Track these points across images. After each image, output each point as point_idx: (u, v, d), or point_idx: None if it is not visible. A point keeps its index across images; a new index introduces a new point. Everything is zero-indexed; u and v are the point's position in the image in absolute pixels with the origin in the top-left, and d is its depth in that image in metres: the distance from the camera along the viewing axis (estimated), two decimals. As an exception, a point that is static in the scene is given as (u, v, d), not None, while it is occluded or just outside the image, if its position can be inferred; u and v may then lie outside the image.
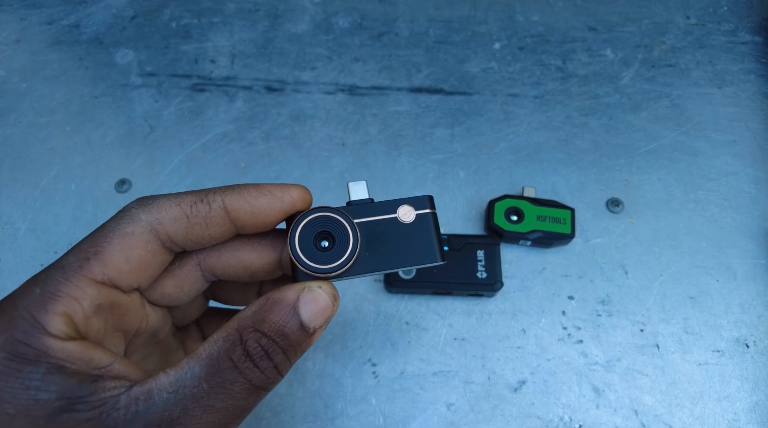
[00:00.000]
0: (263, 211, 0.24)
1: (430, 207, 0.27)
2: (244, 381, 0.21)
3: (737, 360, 0.39)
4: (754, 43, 0.54)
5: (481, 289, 0.40)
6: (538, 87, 0.51)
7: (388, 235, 0.26)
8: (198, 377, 0.20)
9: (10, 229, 0.44)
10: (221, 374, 0.21)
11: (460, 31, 0.54)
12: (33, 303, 0.20)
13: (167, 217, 0.23)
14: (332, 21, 0.55)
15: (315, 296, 0.23)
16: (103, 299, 0.22)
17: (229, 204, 0.24)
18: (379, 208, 0.26)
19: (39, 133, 0.49)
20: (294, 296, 0.22)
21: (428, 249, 0.26)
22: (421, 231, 0.26)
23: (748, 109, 0.50)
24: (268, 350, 0.21)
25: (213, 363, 0.21)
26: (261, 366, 0.21)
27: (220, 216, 0.24)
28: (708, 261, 0.43)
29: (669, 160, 0.47)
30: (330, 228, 0.25)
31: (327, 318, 0.23)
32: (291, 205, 0.25)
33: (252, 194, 0.24)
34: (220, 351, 0.21)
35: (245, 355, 0.21)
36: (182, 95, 0.51)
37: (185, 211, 0.23)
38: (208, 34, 0.54)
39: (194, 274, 0.27)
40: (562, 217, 0.42)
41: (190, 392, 0.20)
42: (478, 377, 0.39)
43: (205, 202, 0.23)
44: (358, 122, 0.49)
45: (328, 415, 0.37)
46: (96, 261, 0.22)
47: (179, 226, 0.23)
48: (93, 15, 0.55)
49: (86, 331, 0.22)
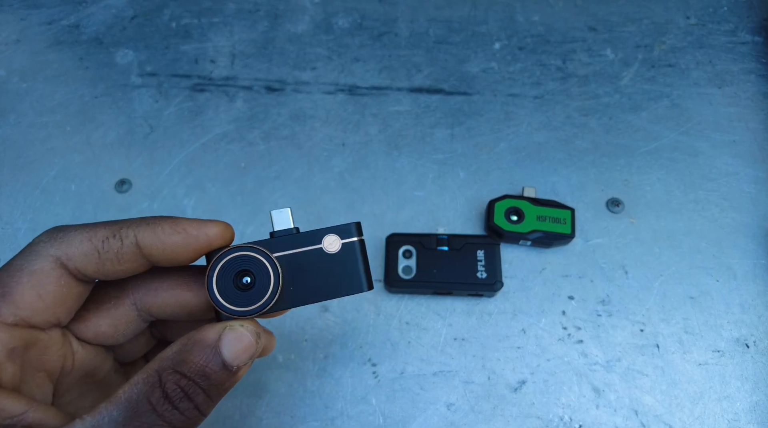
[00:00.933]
0: (176, 249, 0.23)
1: (357, 234, 0.26)
2: (163, 423, 0.20)
3: (737, 361, 0.39)
4: (754, 43, 0.54)
5: (481, 289, 0.40)
6: (538, 87, 0.51)
7: (313, 267, 0.25)
8: (116, 422, 0.20)
9: (10, 229, 0.44)
10: (140, 418, 0.20)
11: (460, 31, 0.54)
12: None
13: (77, 252, 0.22)
14: (332, 21, 0.55)
15: (238, 335, 0.22)
16: (17, 341, 0.21)
17: (141, 240, 0.23)
18: (303, 239, 0.25)
19: (39, 133, 0.49)
20: (215, 336, 0.22)
21: (355, 278, 0.26)
22: (347, 260, 0.26)
23: (748, 109, 0.50)
24: (188, 391, 0.21)
25: (132, 406, 0.20)
26: (180, 408, 0.21)
27: (132, 252, 0.23)
28: (708, 262, 0.43)
29: (669, 160, 0.47)
30: (249, 267, 0.24)
31: (251, 355, 0.23)
32: (206, 243, 0.24)
33: (166, 231, 0.23)
34: (139, 394, 0.20)
35: (164, 397, 0.20)
36: (182, 95, 0.51)
37: (96, 246, 0.23)
38: (208, 34, 0.54)
39: (130, 314, 0.26)
40: (562, 217, 0.42)
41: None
42: (478, 377, 0.39)
43: (117, 237, 0.23)
44: (358, 122, 0.49)
45: (328, 415, 0.37)
46: (5, 303, 0.21)
47: (90, 261, 0.23)
48: (93, 15, 0.55)
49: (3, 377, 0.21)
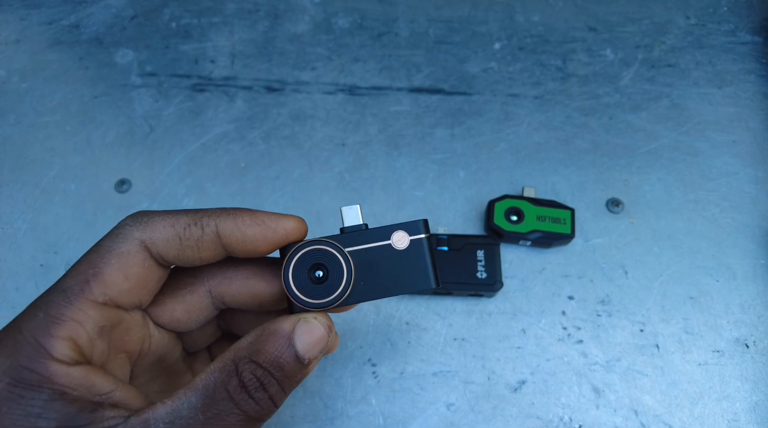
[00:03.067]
0: (255, 240, 0.24)
1: (424, 231, 0.27)
2: (239, 412, 0.21)
3: (737, 361, 0.39)
4: (754, 43, 0.54)
5: (481, 289, 0.40)
6: (538, 87, 0.51)
7: (383, 262, 0.26)
8: (194, 407, 0.20)
9: (9, 229, 0.44)
10: (217, 405, 0.21)
11: (460, 31, 0.54)
12: (37, 328, 0.20)
13: (160, 238, 0.23)
14: (332, 21, 0.55)
15: (310, 327, 0.23)
16: (106, 320, 0.22)
17: (221, 229, 0.24)
18: (372, 234, 0.26)
19: (39, 133, 0.49)
20: (290, 327, 0.23)
21: (423, 274, 0.26)
22: (416, 256, 0.26)
23: (748, 109, 0.50)
24: (263, 381, 0.22)
25: (209, 393, 0.21)
26: (256, 398, 0.21)
27: (212, 241, 0.24)
28: (708, 262, 0.43)
29: (669, 160, 0.47)
30: (323, 261, 0.25)
31: (322, 348, 0.23)
32: (284, 236, 0.25)
33: (246, 222, 0.24)
34: (216, 382, 0.21)
35: (241, 386, 0.21)
36: (182, 95, 0.51)
37: (178, 232, 0.23)
38: (208, 34, 0.54)
39: (204, 301, 0.27)
40: (562, 217, 0.42)
41: (185, 423, 0.20)
42: (478, 377, 0.39)
43: (198, 225, 0.24)
44: (358, 122, 0.49)
45: (328, 415, 0.37)
46: (96, 283, 0.22)
47: (171, 247, 0.23)
48: (93, 15, 0.55)
49: (90, 355, 0.22)
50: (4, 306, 0.41)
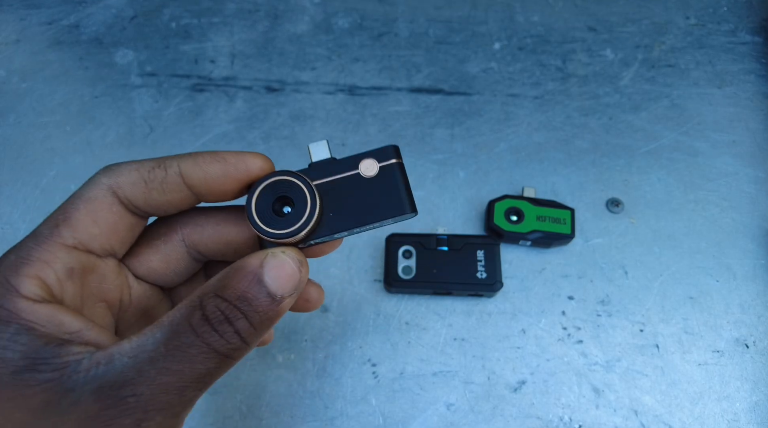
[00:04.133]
0: (217, 178, 0.24)
1: (395, 157, 0.25)
2: (202, 344, 0.21)
3: (737, 361, 0.39)
4: (754, 44, 0.54)
5: (481, 289, 0.40)
6: (538, 87, 0.51)
7: (352, 192, 0.25)
8: (158, 342, 0.21)
9: (9, 229, 0.44)
10: (179, 338, 0.21)
11: (460, 31, 0.54)
12: (7, 268, 0.21)
13: (126, 181, 0.23)
14: (332, 21, 0.55)
15: (280, 261, 0.22)
16: (75, 263, 0.23)
17: (183, 169, 0.24)
18: (340, 165, 0.25)
19: (39, 133, 0.49)
20: (257, 262, 0.22)
21: (395, 200, 0.25)
22: (387, 183, 0.25)
23: (748, 109, 0.50)
24: (227, 314, 0.21)
25: (173, 328, 0.21)
26: (220, 330, 0.21)
27: (175, 182, 0.24)
28: (708, 262, 0.43)
29: (669, 160, 0.47)
30: (288, 193, 0.24)
31: (295, 284, 0.23)
32: (245, 173, 0.24)
33: (206, 160, 0.24)
34: (180, 317, 0.21)
35: (203, 319, 0.21)
36: (182, 95, 0.51)
37: (143, 175, 0.24)
38: (208, 34, 0.54)
39: (179, 251, 0.27)
40: (562, 217, 0.42)
41: (148, 356, 0.20)
42: (477, 377, 0.39)
43: (162, 167, 0.24)
44: (358, 122, 0.49)
45: (328, 415, 0.37)
46: (65, 226, 0.22)
47: (137, 190, 0.24)
48: (93, 15, 0.55)
49: (61, 295, 0.22)
50: (4, 306, 0.41)
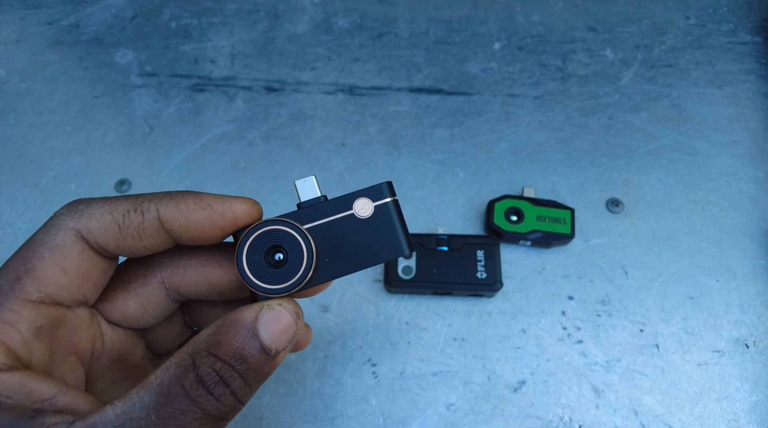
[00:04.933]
0: (200, 225, 0.22)
1: (389, 194, 0.24)
2: (197, 410, 0.19)
3: (737, 361, 0.39)
4: (754, 44, 0.54)
5: (481, 289, 0.40)
6: (538, 87, 0.51)
7: (347, 235, 0.23)
8: (147, 407, 0.19)
9: (9, 229, 0.44)
10: (171, 403, 0.19)
11: (460, 31, 0.54)
12: None
13: (97, 226, 0.21)
14: (332, 21, 0.55)
15: (276, 315, 0.21)
16: (43, 320, 0.20)
17: (163, 215, 0.22)
18: (333, 206, 0.24)
19: (39, 133, 0.49)
20: (252, 316, 0.21)
21: (393, 241, 0.24)
22: (383, 223, 0.24)
23: (748, 110, 0.50)
24: (223, 375, 0.20)
25: (164, 391, 0.19)
26: (215, 393, 0.19)
27: (154, 228, 0.22)
28: (708, 262, 0.43)
29: (669, 160, 0.47)
30: (280, 242, 0.22)
31: (290, 337, 0.21)
32: (232, 221, 0.22)
33: (189, 207, 0.22)
34: (171, 379, 0.19)
35: (198, 381, 0.19)
36: (182, 95, 0.51)
37: (117, 220, 0.21)
38: (208, 34, 0.54)
39: (159, 293, 0.25)
40: (562, 217, 0.42)
41: (137, 424, 0.19)
42: (477, 377, 0.39)
43: (138, 211, 0.21)
44: (358, 122, 0.49)
45: (328, 415, 0.37)
46: (28, 279, 0.20)
47: (111, 236, 0.21)
48: (93, 15, 0.55)
49: (28, 358, 0.20)
50: (4, 306, 0.41)
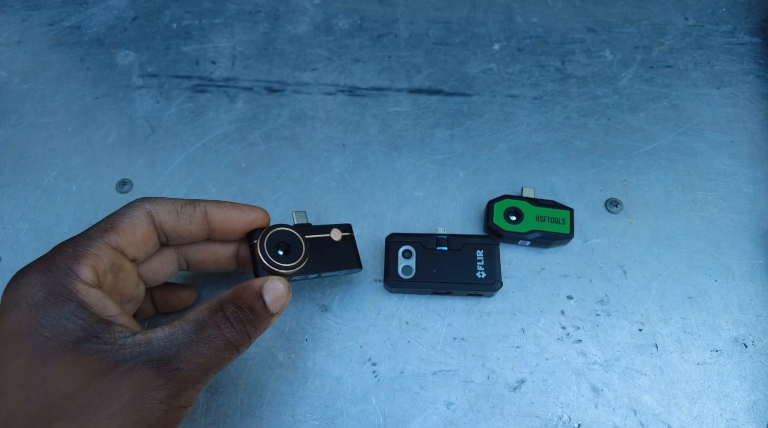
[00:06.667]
0: (232, 219, 0.33)
1: (350, 231, 0.39)
2: (222, 336, 0.28)
3: (735, 360, 0.40)
4: (753, 44, 0.54)
5: (481, 289, 0.40)
6: (537, 88, 0.51)
7: (325, 248, 0.36)
8: (188, 333, 0.27)
9: (11, 229, 0.45)
10: (206, 330, 0.27)
11: (460, 32, 0.55)
12: (67, 258, 0.27)
13: (163, 210, 0.31)
14: (332, 22, 0.55)
15: (275, 286, 0.30)
16: (116, 261, 0.29)
17: (209, 210, 0.32)
18: (317, 229, 0.37)
19: (40, 134, 0.49)
20: (260, 284, 0.30)
21: (351, 260, 0.38)
22: (346, 247, 0.38)
23: (747, 110, 0.50)
24: (241, 317, 0.28)
25: (199, 323, 0.27)
26: (236, 328, 0.28)
27: (200, 218, 0.32)
28: (706, 261, 0.43)
29: (667, 160, 0.47)
30: (287, 240, 0.34)
31: (283, 304, 0.31)
32: (253, 219, 0.34)
33: (226, 207, 0.33)
34: (205, 316, 0.28)
35: (225, 318, 0.28)
36: (183, 96, 0.51)
37: (176, 208, 0.31)
38: (208, 35, 0.54)
39: (173, 259, 0.35)
40: (561, 217, 0.43)
41: (182, 339, 0.26)
42: (477, 376, 0.39)
43: (192, 205, 0.32)
44: (359, 123, 0.49)
45: (329, 414, 0.38)
46: (112, 233, 0.29)
47: (170, 218, 0.31)
48: (94, 16, 0.56)
49: (103, 284, 0.28)
50: (6, 305, 0.41)
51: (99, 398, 0.24)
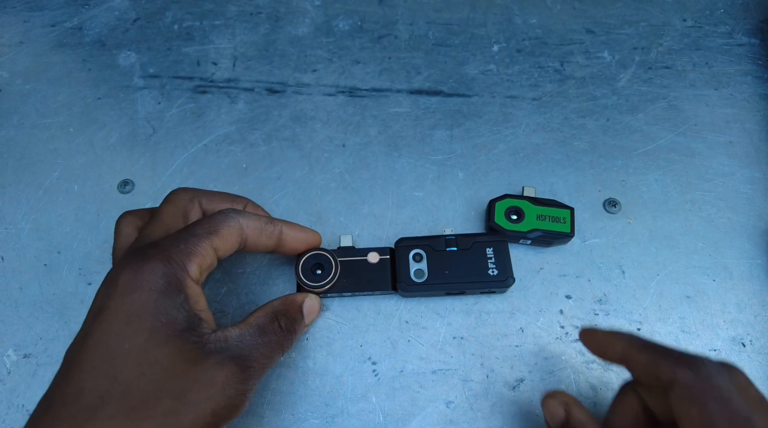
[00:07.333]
0: (300, 240, 0.38)
1: (389, 254, 0.41)
2: (278, 341, 0.33)
3: (734, 359, 0.40)
4: (751, 45, 0.54)
5: (494, 286, 0.40)
6: (537, 89, 0.52)
7: (360, 270, 0.40)
8: (253, 335, 0.32)
9: (13, 229, 0.45)
10: (267, 335, 0.32)
11: (459, 33, 0.55)
12: (181, 254, 0.30)
13: (250, 225, 0.34)
14: (333, 24, 0.56)
15: (312, 302, 0.38)
16: (213, 262, 0.32)
17: (284, 230, 0.37)
18: (356, 252, 0.41)
19: (42, 134, 0.49)
20: (302, 299, 0.37)
21: (384, 282, 0.40)
22: (382, 269, 0.40)
23: (745, 111, 0.50)
24: (290, 327, 0.35)
25: (261, 327, 0.33)
26: (287, 335, 0.34)
27: (277, 235, 0.36)
28: (704, 261, 0.43)
29: (666, 160, 0.48)
30: (322, 262, 0.39)
31: (314, 317, 0.38)
32: (314, 241, 0.39)
33: (297, 228, 0.38)
34: (265, 322, 0.33)
35: (279, 327, 0.34)
36: (184, 97, 0.51)
37: (261, 225, 0.35)
38: (209, 36, 0.55)
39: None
40: (562, 216, 0.43)
41: (251, 341, 0.31)
42: (476, 375, 0.39)
43: (272, 223, 0.36)
44: (359, 123, 0.50)
45: (329, 413, 0.38)
46: (216, 237, 0.32)
47: (254, 234, 0.35)
48: (96, 17, 0.56)
49: (201, 280, 0.31)
50: (8, 305, 0.42)
51: (197, 383, 0.28)
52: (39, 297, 0.42)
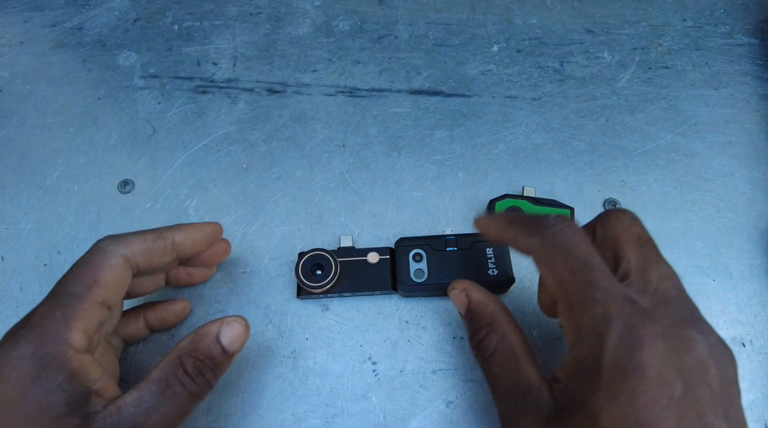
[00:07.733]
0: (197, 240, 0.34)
1: (389, 254, 0.41)
2: (185, 392, 0.28)
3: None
4: (750, 45, 0.54)
5: (494, 286, 0.40)
6: (536, 89, 0.52)
7: (360, 270, 0.40)
8: (154, 393, 0.27)
9: (13, 229, 0.45)
10: (171, 388, 0.28)
11: (459, 33, 0.55)
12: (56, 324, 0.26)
13: (137, 250, 0.30)
14: (333, 24, 0.56)
15: (232, 327, 0.31)
16: (103, 317, 0.29)
17: (176, 238, 0.33)
18: (356, 252, 0.41)
19: (42, 135, 0.49)
20: (216, 329, 0.30)
21: (384, 282, 0.40)
22: (382, 270, 0.40)
23: (745, 111, 0.50)
24: (200, 369, 0.29)
25: (163, 382, 0.28)
26: (197, 381, 0.29)
27: (171, 248, 0.32)
28: (704, 261, 0.43)
29: (666, 161, 0.48)
30: (322, 262, 0.39)
31: (242, 342, 0.31)
32: (212, 235, 0.35)
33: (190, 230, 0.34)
34: (168, 373, 0.28)
35: (185, 374, 0.28)
36: (185, 97, 0.51)
37: (149, 245, 0.31)
38: (210, 36, 0.55)
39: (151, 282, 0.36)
40: (560, 217, 0.43)
41: (151, 402, 0.27)
42: (476, 375, 0.39)
43: (161, 237, 0.32)
44: (359, 124, 0.50)
45: (329, 413, 0.38)
46: (96, 288, 0.28)
47: (145, 257, 0.31)
48: (96, 17, 0.56)
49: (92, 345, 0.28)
50: (9, 305, 0.42)
51: None
52: (39, 297, 0.42)
